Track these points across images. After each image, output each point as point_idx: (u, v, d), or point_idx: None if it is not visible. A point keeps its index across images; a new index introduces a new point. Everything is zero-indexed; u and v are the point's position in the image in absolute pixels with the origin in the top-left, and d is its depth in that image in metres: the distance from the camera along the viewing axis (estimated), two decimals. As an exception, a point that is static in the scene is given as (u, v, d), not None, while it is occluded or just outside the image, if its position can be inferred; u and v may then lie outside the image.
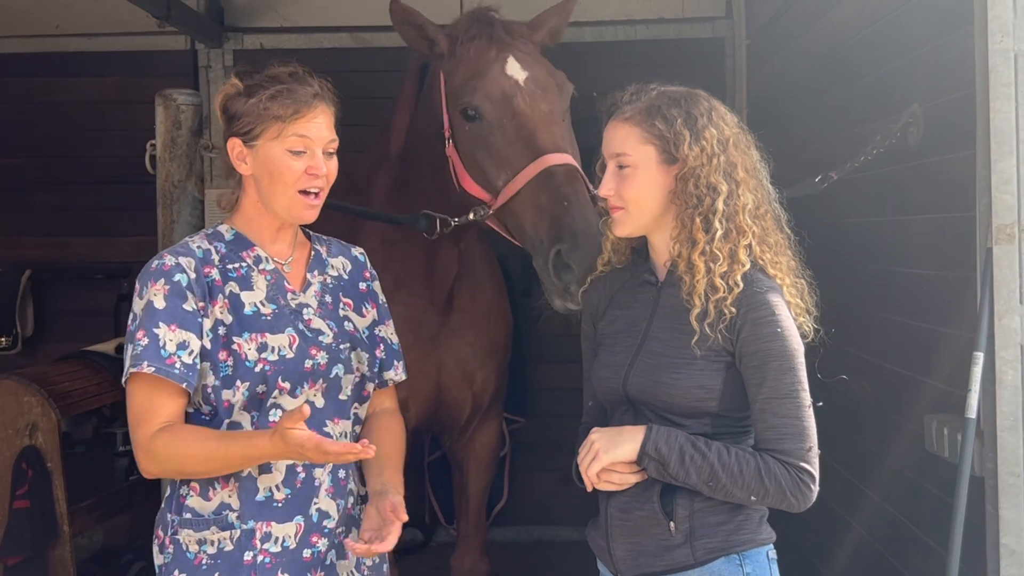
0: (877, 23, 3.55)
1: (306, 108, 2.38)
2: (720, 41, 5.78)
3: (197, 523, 2.39)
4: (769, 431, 2.16)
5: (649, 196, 2.27)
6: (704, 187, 2.23)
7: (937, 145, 3.09)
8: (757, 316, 2.18)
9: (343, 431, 2.48)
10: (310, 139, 2.39)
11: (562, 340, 5.74)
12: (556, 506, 5.76)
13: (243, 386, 2.36)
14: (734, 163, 2.26)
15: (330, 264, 2.58)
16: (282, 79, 2.40)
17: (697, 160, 2.23)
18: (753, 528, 2.26)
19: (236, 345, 2.36)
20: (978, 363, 2.70)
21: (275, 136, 2.37)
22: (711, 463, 2.15)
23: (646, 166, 2.27)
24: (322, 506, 2.43)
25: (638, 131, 2.27)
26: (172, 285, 2.34)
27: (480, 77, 3.22)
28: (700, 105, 2.29)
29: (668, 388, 2.23)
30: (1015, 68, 2.67)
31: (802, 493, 2.16)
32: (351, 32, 5.88)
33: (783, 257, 2.29)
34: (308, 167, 2.38)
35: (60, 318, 5.90)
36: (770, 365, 2.16)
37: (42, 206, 5.96)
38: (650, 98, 2.30)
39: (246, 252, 2.46)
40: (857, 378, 3.85)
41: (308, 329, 2.44)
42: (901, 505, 3.41)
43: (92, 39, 5.93)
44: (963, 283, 2.86)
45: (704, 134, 2.24)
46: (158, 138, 3.16)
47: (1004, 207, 2.67)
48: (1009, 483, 2.67)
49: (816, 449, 2.17)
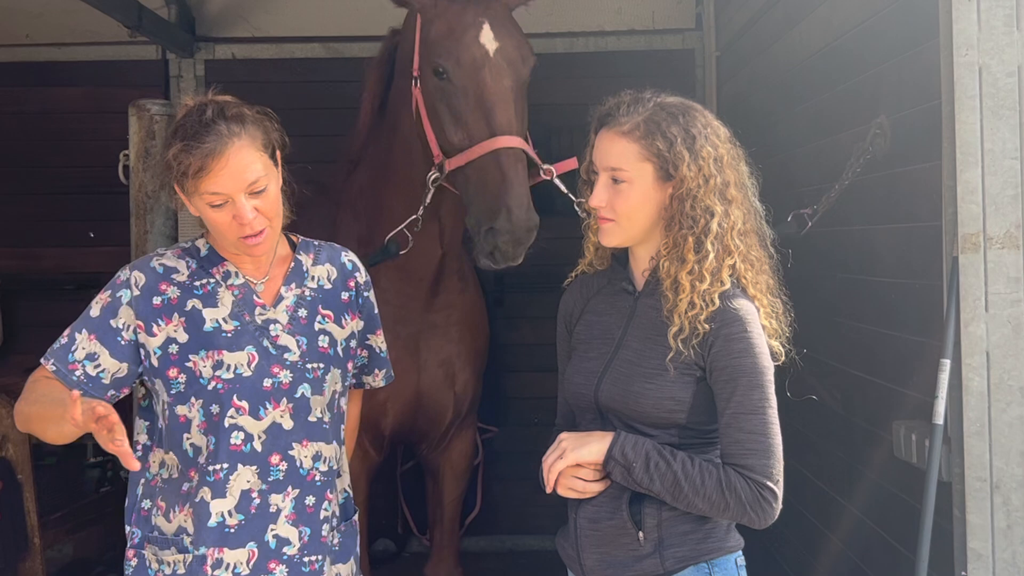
0: (844, 36, 3.60)
1: (211, 161, 2.24)
2: (690, 52, 5.83)
3: (161, 541, 2.41)
4: (734, 445, 2.17)
5: (643, 212, 2.27)
6: (700, 209, 2.23)
7: (904, 156, 3.13)
8: (729, 332, 2.19)
9: (316, 453, 2.44)
10: (223, 193, 2.27)
11: (536, 349, 5.79)
12: (530, 515, 5.76)
13: (197, 403, 2.36)
14: (727, 182, 2.27)
15: (310, 275, 2.53)
16: (189, 127, 2.27)
17: (694, 181, 2.23)
18: (721, 536, 2.27)
19: (191, 363, 2.36)
20: (945, 370, 2.73)
21: (193, 192, 2.29)
22: (675, 472, 2.17)
23: (642, 182, 2.26)
24: (280, 532, 2.40)
25: (637, 148, 2.25)
26: (112, 300, 2.38)
27: (454, 40, 3.32)
28: (698, 122, 2.28)
29: (639, 398, 2.25)
30: (980, 80, 2.71)
31: (763, 509, 2.15)
32: (323, 42, 5.88)
33: (763, 276, 2.30)
34: (234, 216, 2.29)
35: (30, 329, 5.84)
36: (739, 381, 2.17)
37: (12, 216, 5.89)
38: (648, 111, 2.27)
39: (216, 268, 2.44)
40: (826, 386, 3.88)
41: (273, 346, 2.42)
42: (871, 511, 3.44)
43: (63, 49, 5.89)
44: (930, 291, 2.89)
45: (701, 154, 2.24)
46: (131, 148, 3.16)
47: (970, 217, 2.71)
48: (976, 488, 2.71)
49: (780, 467, 2.17)
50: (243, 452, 2.37)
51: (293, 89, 5.70)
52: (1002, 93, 2.71)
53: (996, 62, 2.71)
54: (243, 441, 2.37)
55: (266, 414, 2.38)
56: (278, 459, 2.39)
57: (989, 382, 2.71)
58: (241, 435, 2.37)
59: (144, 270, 2.40)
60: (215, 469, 2.36)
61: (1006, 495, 2.70)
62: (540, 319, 5.76)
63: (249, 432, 2.37)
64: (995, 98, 2.71)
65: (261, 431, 2.38)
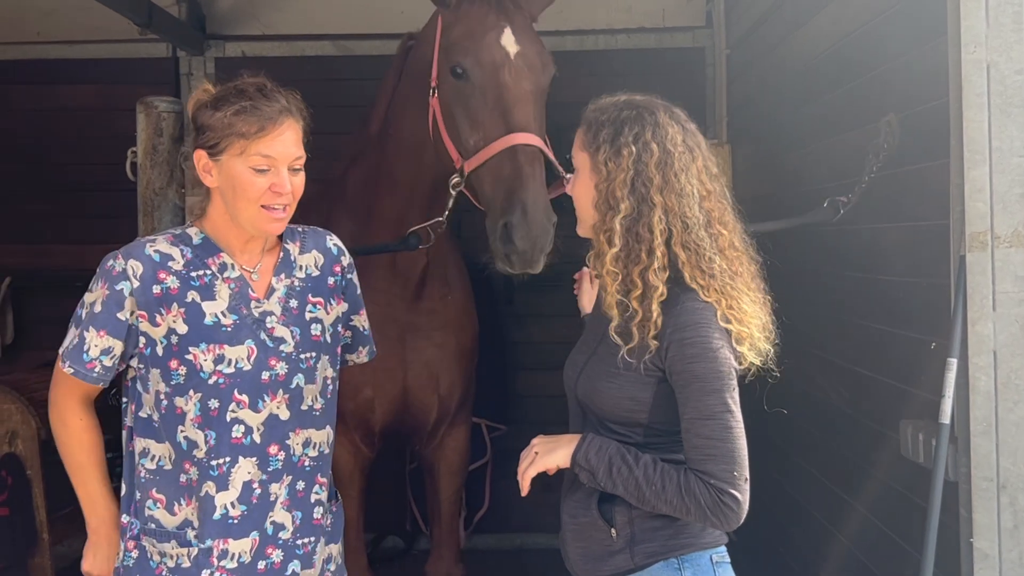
0: (853, 34, 3.59)
1: (271, 125, 2.36)
2: (700, 51, 5.82)
3: (160, 534, 2.43)
4: (693, 451, 2.17)
5: (583, 201, 2.32)
6: (609, 200, 2.24)
7: (912, 154, 3.12)
8: (682, 337, 2.18)
9: (306, 440, 2.49)
10: (274, 158, 2.36)
11: (545, 347, 5.78)
12: (538, 513, 5.73)
13: (195, 396, 2.38)
14: (649, 182, 2.22)
15: (298, 265, 2.56)
16: (249, 94, 2.38)
17: (610, 174, 2.25)
18: (695, 532, 2.26)
19: (191, 355, 2.38)
20: (952, 369, 2.72)
21: (238, 153, 2.36)
22: (636, 477, 2.17)
23: (582, 172, 2.33)
24: (277, 519, 2.45)
25: (579, 137, 2.34)
26: (113, 292, 2.39)
27: (475, 40, 3.33)
28: (641, 121, 2.26)
29: (602, 395, 2.28)
30: (988, 78, 2.70)
31: (723, 514, 2.13)
32: (333, 40, 5.89)
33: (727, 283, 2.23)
34: (272, 184, 2.37)
35: (40, 326, 5.88)
36: (692, 386, 2.16)
37: (22, 213, 5.93)
38: (603, 106, 2.32)
39: (212, 259, 2.46)
40: (833, 384, 3.87)
41: (270, 338, 2.45)
42: (877, 510, 3.44)
43: (73, 46, 5.91)
44: (937, 290, 2.89)
45: (622, 151, 2.24)
46: (139, 145, 3.16)
47: (977, 215, 2.71)
48: (982, 487, 2.70)
49: (743, 472, 2.14)
50: (243, 445, 2.41)
51: (303, 87, 5.68)
52: (1010, 91, 2.70)
53: (1004, 60, 2.70)
54: (243, 434, 2.41)
55: (264, 406, 2.43)
56: (276, 449, 2.45)
57: (996, 381, 2.71)
58: (242, 428, 2.40)
59: (140, 258, 2.41)
60: (218, 463, 2.39)
61: (1013, 495, 2.69)
62: (549, 317, 5.77)
63: (249, 425, 2.41)
64: (1003, 96, 2.70)
65: (260, 423, 2.42)
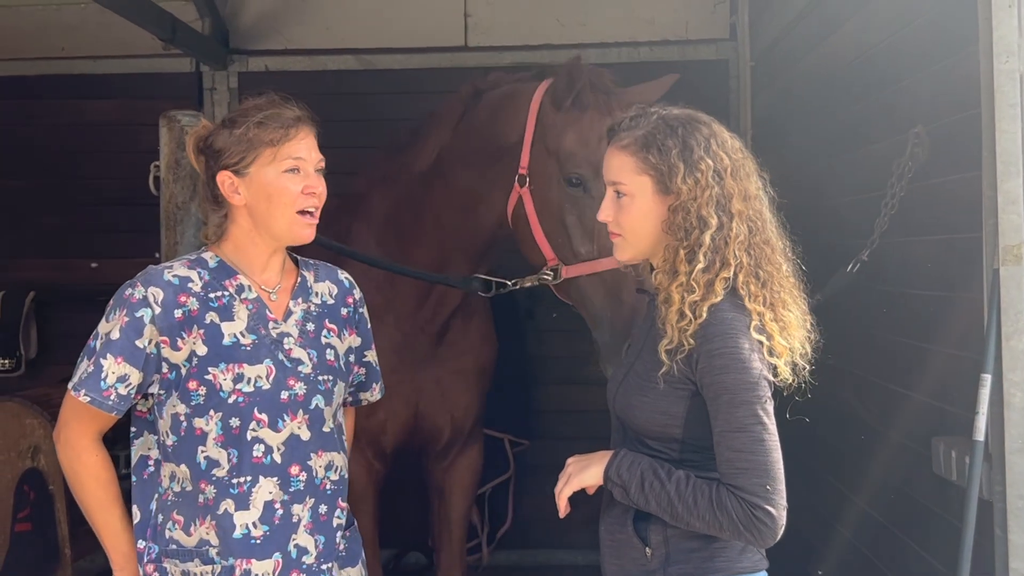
0: (880, 44, 3.55)
1: (294, 130, 2.42)
2: (724, 63, 5.78)
3: (182, 554, 2.42)
4: (724, 464, 2.13)
5: (645, 225, 2.26)
6: (694, 220, 2.20)
7: (942, 166, 3.08)
8: (711, 348, 2.14)
9: (329, 462, 2.50)
10: (303, 159, 2.43)
11: (566, 362, 5.75)
12: (561, 529, 5.69)
13: (216, 416, 2.38)
14: (730, 194, 2.22)
15: (314, 291, 2.59)
16: (263, 107, 2.44)
17: (690, 193, 2.21)
18: (733, 556, 2.21)
19: (211, 375, 2.38)
20: (986, 385, 2.67)
21: (269, 161, 2.40)
22: (668, 492, 2.15)
23: (642, 196, 2.26)
24: (300, 542, 2.45)
25: (633, 161, 2.25)
26: (132, 320, 2.37)
27: (595, 152, 3.20)
28: (699, 133, 2.25)
29: (636, 410, 2.25)
30: (1021, 88, 2.66)
31: (757, 530, 2.09)
32: (356, 54, 5.90)
33: (775, 291, 2.22)
34: (304, 186, 2.43)
35: (64, 340, 5.87)
36: (722, 398, 2.13)
37: (46, 228, 5.96)
38: (648, 125, 2.27)
39: (228, 281, 2.47)
40: (864, 400, 3.82)
41: (288, 359, 2.46)
42: (909, 529, 3.38)
43: (97, 61, 5.94)
44: (970, 304, 2.84)
45: (699, 166, 2.21)
46: (162, 159, 3.15)
47: (1011, 227, 2.66)
48: (1018, 506, 2.65)
49: (776, 485, 2.10)
50: (264, 464, 2.41)
51: (325, 101, 5.69)
52: (1044, 101, 2.66)
53: (1038, 70, 2.66)
54: (264, 453, 2.41)
55: (284, 426, 2.43)
56: (297, 470, 2.44)
57: (1032, 397, 2.65)
58: (262, 447, 2.40)
59: (159, 284, 2.40)
60: (239, 482, 2.39)
61: (1050, 514, 2.64)
62: (570, 332, 5.71)
63: (269, 444, 2.41)
64: (1037, 106, 2.65)
65: (280, 443, 2.42)
